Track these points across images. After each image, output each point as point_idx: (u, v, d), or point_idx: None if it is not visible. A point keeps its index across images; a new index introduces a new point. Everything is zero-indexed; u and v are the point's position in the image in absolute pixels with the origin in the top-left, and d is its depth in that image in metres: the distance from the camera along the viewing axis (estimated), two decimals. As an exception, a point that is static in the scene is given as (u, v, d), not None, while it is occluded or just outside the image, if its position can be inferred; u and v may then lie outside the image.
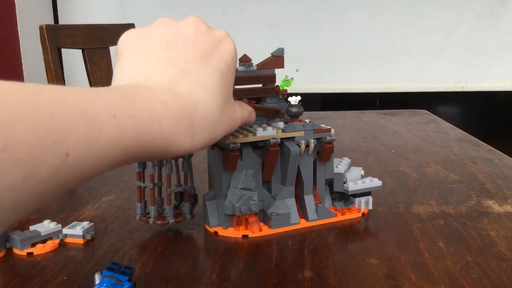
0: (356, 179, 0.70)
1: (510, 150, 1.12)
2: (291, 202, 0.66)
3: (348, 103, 2.80)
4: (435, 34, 2.65)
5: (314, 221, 0.67)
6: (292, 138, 0.64)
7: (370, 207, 0.70)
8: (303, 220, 0.67)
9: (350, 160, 0.73)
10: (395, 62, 2.68)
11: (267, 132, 0.63)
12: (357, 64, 2.68)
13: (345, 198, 0.71)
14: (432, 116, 1.39)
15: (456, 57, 2.67)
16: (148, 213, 0.65)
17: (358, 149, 1.05)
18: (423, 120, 1.33)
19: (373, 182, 0.70)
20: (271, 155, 0.63)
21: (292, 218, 0.66)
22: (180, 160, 0.65)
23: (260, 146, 0.64)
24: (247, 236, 0.64)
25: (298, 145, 0.64)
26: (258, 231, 0.64)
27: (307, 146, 0.65)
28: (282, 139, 0.64)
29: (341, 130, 1.23)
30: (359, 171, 0.71)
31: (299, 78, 2.57)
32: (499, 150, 1.03)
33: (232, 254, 0.59)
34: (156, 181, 0.65)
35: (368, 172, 0.89)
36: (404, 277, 0.53)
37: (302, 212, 0.67)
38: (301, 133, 0.65)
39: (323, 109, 2.84)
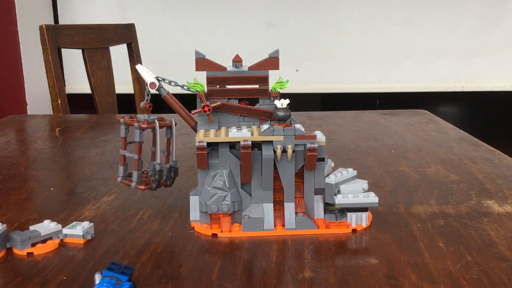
0: (355, 192, 0.66)
1: (510, 150, 1.12)
2: (268, 208, 0.65)
3: (348, 103, 2.80)
4: (435, 34, 2.64)
5: (292, 230, 0.64)
6: (271, 142, 0.63)
7: (364, 225, 0.66)
8: (282, 228, 0.65)
9: (355, 171, 0.68)
10: (395, 62, 2.68)
11: (240, 134, 0.62)
12: (357, 64, 2.67)
13: (344, 212, 0.67)
14: (432, 116, 1.39)
15: (456, 57, 2.66)
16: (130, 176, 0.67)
17: (358, 149, 1.05)
18: (423, 120, 1.33)
19: (368, 198, 0.65)
20: (243, 157, 0.63)
21: (266, 224, 0.64)
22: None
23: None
24: (216, 235, 0.64)
25: (275, 150, 0.63)
26: (227, 231, 0.64)
27: (285, 151, 0.63)
28: (261, 142, 0.63)
29: (341, 130, 1.23)
30: (362, 184, 0.67)
31: (299, 78, 2.56)
32: (499, 150, 1.03)
33: (232, 254, 0.59)
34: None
35: (368, 172, 0.89)
36: (404, 277, 0.53)
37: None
38: (280, 138, 0.63)
39: (323, 109, 2.83)
